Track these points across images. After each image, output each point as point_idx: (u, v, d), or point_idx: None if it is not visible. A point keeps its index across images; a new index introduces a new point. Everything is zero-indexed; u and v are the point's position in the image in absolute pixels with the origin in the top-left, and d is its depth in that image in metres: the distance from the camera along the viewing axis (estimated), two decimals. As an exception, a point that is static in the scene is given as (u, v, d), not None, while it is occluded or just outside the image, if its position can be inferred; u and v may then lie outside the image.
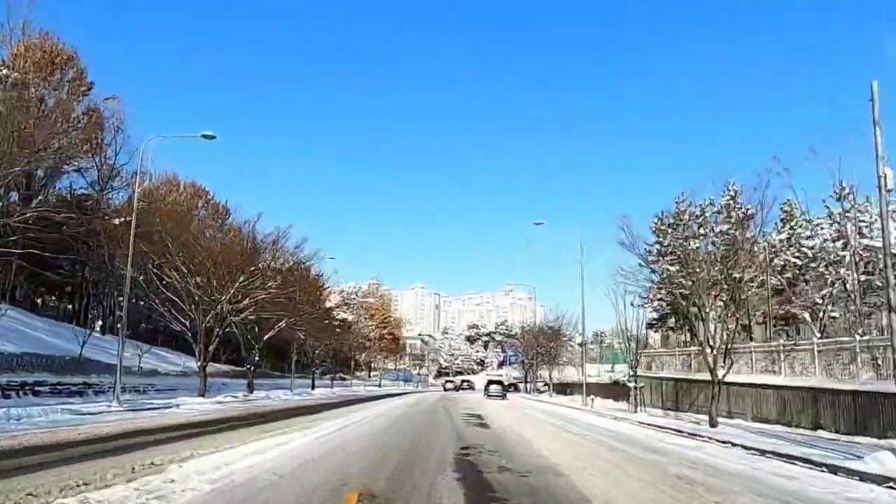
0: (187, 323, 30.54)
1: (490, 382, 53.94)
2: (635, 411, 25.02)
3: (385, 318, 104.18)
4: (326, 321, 65.76)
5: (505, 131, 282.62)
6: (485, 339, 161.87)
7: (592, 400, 31.54)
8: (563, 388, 56.50)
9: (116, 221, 43.94)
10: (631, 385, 25.36)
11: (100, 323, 43.98)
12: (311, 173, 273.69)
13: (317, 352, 54.68)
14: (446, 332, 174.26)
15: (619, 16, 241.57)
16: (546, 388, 62.49)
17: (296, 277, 44.40)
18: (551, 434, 16.14)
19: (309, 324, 47.78)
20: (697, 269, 19.91)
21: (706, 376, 25.57)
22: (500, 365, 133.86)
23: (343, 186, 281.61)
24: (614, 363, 56.81)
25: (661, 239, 35.01)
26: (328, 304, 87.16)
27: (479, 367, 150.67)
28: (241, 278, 29.14)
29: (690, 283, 18.56)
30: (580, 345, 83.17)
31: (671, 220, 33.34)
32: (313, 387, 52.98)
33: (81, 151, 35.72)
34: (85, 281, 40.87)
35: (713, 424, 17.36)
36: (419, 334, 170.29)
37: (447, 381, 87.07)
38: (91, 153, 36.96)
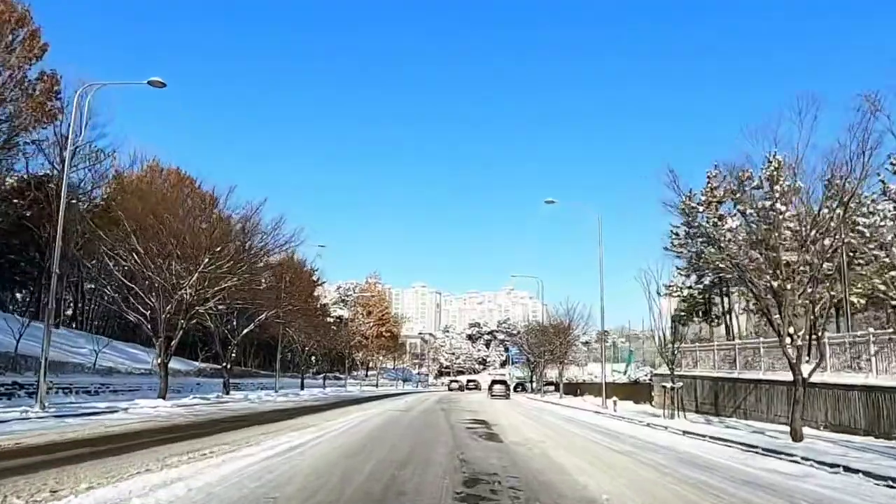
0: (147, 314, 26.43)
1: (494, 382, 54.79)
2: (672, 417, 20.85)
3: (383, 315, 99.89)
4: (319, 316, 61.79)
5: (506, 130, 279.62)
6: (486, 337, 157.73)
7: (615, 402, 27.36)
8: (574, 389, 52.38)
9: (82, 205, 40.00)
10: (665, 386, 21.19)
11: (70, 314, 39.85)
12: (310, 172, 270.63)
13: (307, 349, 50.50)
14: (447, 331, 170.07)
15: (618, 17, 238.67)
16: (552, 387, 58.84)
17: (281, 265, 40.38)
18: (586, 451, 11.98)
19: (298, 318, 43.73)
20: (781, 243, 15.93)
21: (756, 375, 21.48)
22: (503, 364, 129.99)
23: (343, 186, 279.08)
24: (629, 362, 52.79)
25: (690, 218, 30.88)
26: (323, 301, 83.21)
27: (482, 367, 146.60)
28: (206, 260, 24.93)
29: (763, 258, 14.43)
30: (584, 343, 79.27)
31: (703, 198, 29.24)
32: (302, 387, 48.84)
33: (33, 121, 31.62)
34: (45, 271, 36.67)
35: (797, 438, 13.20)
36: (419, 333, 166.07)
37: (452, 381, 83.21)
38: (45, 123, 32.79)
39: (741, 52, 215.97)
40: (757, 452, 12.66)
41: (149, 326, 26.38)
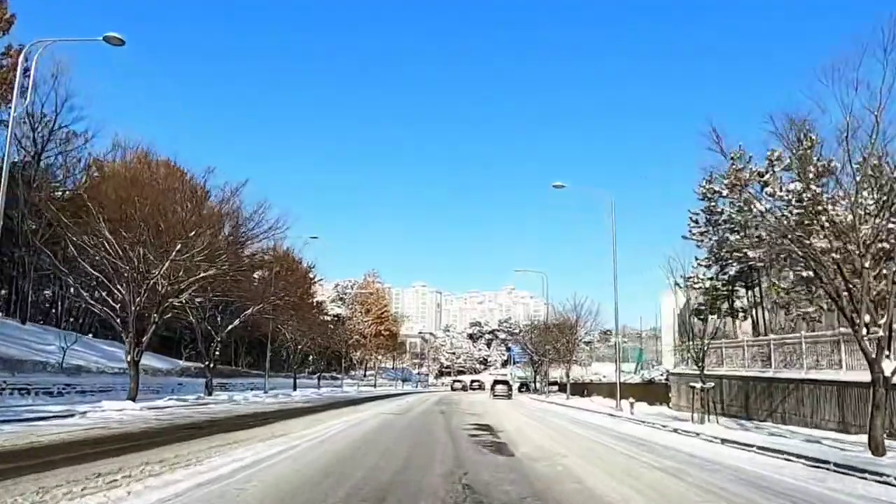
0: (117, 307, 24.00)
1: (496, 382, 54.46)
2: (701, 421, 18.36)
3: (382, 314, 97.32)
4: (315, 314, 59.38)
5: (506, 130, 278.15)
6: (488, 336, 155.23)
7: (632, 404, 24.86)
8: (580, 389, 49.87)
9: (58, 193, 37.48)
10: (695, 386, 18.69)
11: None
12: (310, 172, 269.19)
13: (299, 347, 47.99)
14: (448, 330, 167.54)
15: (618, 17, 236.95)
16: (555, 387, 56.79)
17: (273, 256, 37.93)
18: (620, 469, 9.48)
19: (290, 314, 41.30)
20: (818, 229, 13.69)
21: (798, 374, 18.95)
22: (504, 364, 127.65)
23: (343, 186, 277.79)
24: (639, 361, 50.31)
25: (713, 204, 28.33)
26: (321, 298, 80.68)
27: (482, 367, 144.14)
28: (178, 247, 22.43)
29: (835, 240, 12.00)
30: (587, 343, 76.64)
31: (727, 181, 26.69)
32: (295, 387, 46.36)
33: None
34: (17, 263, 34.21)
35: (879, 451, 10.71)
36: (419, 332, 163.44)
37: (455, 381, 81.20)
38: (5, 100, 30.28)
39: (741, 52, 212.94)
40: (830, 469, 10.18)
41: (118, 321, 23.92)
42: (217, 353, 32.48)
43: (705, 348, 19.13)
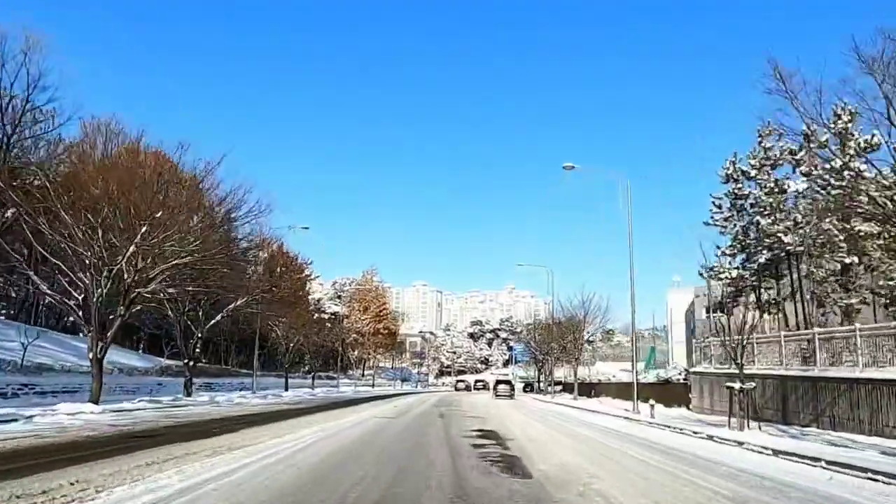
0: (81, 298, 21.55)
1: (498, 382, 54.94)
2: (741, 427, 15.89)
3: (381, 312, 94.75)
4: (309, 309, 56.98)
5: (506, 130, 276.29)
6: (489, 336, 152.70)
7: (652, 406, 22.37)
8: (587, 390, 47.42)
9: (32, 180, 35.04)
10: (733, 387, 16.19)
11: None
12: (310, 172, 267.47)
13: (292, 345, 45.53)
14: (448, 329, 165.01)
15: (618, 17, 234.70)
16: (559, 387, 54.67)
17: (257, 244, 35.48)
18: (680, 500, 7.02)
19: (277, 309, 38.88)
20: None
21: (851, 372, 16.40)
22: (506, 363, 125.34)
23: (343, 186, 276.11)
24: (650, 360, 47.85)
25: (739, 186, 25.83)
26: (318, 296, 78.32)
27: (483, 366, 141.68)
28: (144, 230, 19.96)
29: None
30: (588, 342, 74.22)
31: (755, 162, 24.22)
32: (286, 387, 43.89)
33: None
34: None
35: None
36: (420, 331, 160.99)
37: (458, 381, 79.21)
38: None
39: (741, 52, 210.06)
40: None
41: (80, 313, 21.48)
42: (198, 349, 30.03)
43: (744, 343, 16.64)
